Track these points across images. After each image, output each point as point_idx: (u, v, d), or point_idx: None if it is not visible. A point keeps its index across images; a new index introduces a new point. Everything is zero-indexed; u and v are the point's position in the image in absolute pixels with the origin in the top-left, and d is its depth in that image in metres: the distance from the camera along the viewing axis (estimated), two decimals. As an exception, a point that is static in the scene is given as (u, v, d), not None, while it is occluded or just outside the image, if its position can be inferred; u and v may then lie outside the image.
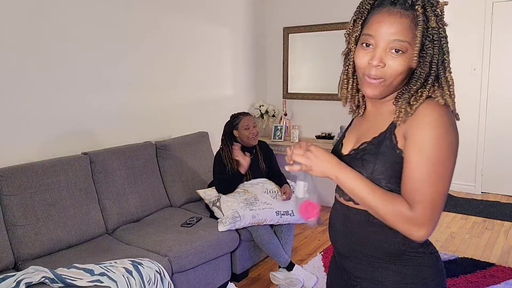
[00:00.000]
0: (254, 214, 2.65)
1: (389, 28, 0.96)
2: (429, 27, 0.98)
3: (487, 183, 4.77)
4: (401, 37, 0.96)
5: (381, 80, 0.99)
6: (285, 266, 2.69)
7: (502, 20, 4.46)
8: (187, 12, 3.60)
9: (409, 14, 0.96)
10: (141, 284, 2.01)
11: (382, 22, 0.97)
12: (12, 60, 2.43)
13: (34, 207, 2.29)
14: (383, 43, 0.97)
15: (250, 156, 2.92)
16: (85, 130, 2.87)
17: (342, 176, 1.02)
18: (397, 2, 0.97)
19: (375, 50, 0.98)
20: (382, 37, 0.97)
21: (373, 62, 0.98)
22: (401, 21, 0.96)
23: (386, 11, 0.98)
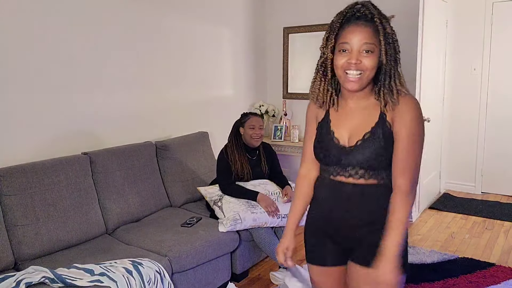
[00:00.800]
0: (255, 217, 2.65)
1: (359, 36, 1.28)
2: (386, 33, 1.29)
3: (487, 183, 4.77)
4: (369, 41, 1.28)
5: (360, 75, 1.29)
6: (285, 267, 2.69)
7: (502, 20, 4.46)
8: (187, 12, 3.60)
9: (370, 25, 1.28)
10: (141, 284, 2.01)
11: (353, 32, 1.28)
12: (12, 60, 2.43)
13: (34, 207, 2.29)
14: (356, 47, 1.29)
15: (253, 157, 2.97)
16: (85, 130, 2.87)
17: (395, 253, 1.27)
18: (360, 18, 1.29)
19: (351, 53, 1.29)
20: (355, 42, 1.28)
21: (352, 61, 1.28)
22: (366, 30, 1.28)
23: (354, 24, 1.29)
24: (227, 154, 2.91)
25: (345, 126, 1.39)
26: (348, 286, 1.49)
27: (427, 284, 2.71)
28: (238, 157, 2.90)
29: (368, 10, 1.29)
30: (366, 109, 1.37)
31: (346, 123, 1.39)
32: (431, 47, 4.08)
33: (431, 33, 4.04)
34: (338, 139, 1.39)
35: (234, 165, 2.89)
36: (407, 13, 3.72)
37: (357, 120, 1.37)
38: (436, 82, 4.39)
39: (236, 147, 2.93)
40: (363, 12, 1.29)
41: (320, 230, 1.51)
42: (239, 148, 2.93)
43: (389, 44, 1.30)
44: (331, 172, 1.42)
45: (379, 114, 1.34)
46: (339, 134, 1.39)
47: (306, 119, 1.58)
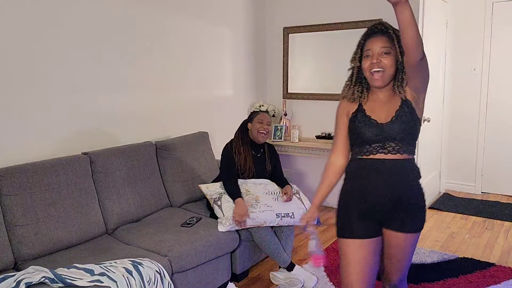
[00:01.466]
0: (253, 217, 2.65)
1: (378, 43, 1.67)
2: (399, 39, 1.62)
3: (487, 183, 4.77)
4: (385, 45, 1.67)
5: (382, 72, 1.66)
6: (285, 267, 2.69)
7: (502, 20, 4.46)
8: (187, 13, 3.60)
9: (385, 35, 1.68)
10: (141, 284, 2.01)
11: (373, 41, 1.69)
12: (12, 61, 2.43)
13: (34, 207, 2.29)
14: (376, 51, 1.67)
15: (257, 154, 3.01)
16: (85, 130, 2.87)
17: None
18: (377, 32, 1.69)
19: (373, 56, 1.68)
20: (375, 48, 1.67)
21: (373, 61, 1.67)
22: (383, 38, 1.68)
23: (373, 36, 1.70)
24: (232, 146, 2.94)
25: (378, 111, 1.72)
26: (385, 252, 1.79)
27: (427, 284, 2.71)
28: (242, 150, 2.93)
29: (383, 26, 1.69)
30: (392, 98, 1.72)
31: (378, 109, 1.72)
32: (431, 47, 4.08)
33: (431, 33, 4.04)
34: (375, 119, 1.70)
35: (238, 157, 2.91)
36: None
37: (386, 106, 1.71)
38: (436, 82, 4.39)
39: (242, 141, 2.96)
40: (380, 28, 1.69)
41: (353, 207, 1.74)
42: (245, 142, 2.96)
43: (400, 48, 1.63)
44: (370, 151, 1.70)
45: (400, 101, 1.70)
46: (377, 115, 1.71)
47: (336, 114, 1.86)
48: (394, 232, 1.73)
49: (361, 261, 1.71)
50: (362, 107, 1.75)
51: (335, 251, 3.24)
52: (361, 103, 1.76)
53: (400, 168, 1.68)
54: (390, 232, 1.74)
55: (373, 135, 1.69)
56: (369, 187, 1.70)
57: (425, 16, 3.81)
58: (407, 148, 1.69)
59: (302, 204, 2.87)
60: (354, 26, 4.01)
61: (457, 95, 4.75)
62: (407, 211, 1.70)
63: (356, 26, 3.99)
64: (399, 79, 1.68)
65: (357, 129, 1.73)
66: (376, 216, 1.72)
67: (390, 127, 1.67)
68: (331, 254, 3.19)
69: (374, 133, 1.69)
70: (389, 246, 1.77)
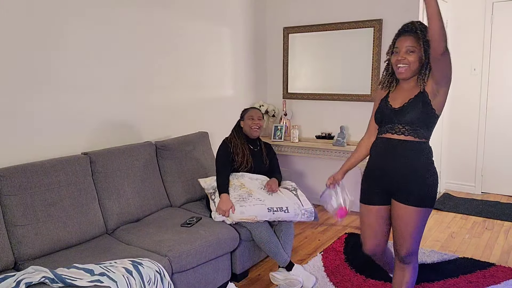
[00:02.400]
0: (242, 210, 2.67)
1: (405, 42, 1.95)
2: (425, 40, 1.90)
3: (487, 183, 4.77)
4: (410, 44, 1.93)
5: (407, 67, 1.94)
6: (284, 266, 2.69)
7: (502, 20, 4.46)
8: (187, 13, 3.60)
9: (412, 35, 1.94)
10: (141, 284, 2.01)
11: (401, 40, 1.96)
12: (12, 61, 2.43)
13: (34, 207, 2.29)
14: (402, 50, 1.95)
15: (254, 149, 3.06)
16: (85, 130, 2.87)
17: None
18: (407, 31, 1.95)
19: (399, 53, 1.96)
20: (402, 47, 1.95)
21: (399, 58, 1.95)
22: (410, 38, 1.94)
23: (402, 35, 1.97)
24: (229, 141, 2.98)
25: (397, 99, 2.03)
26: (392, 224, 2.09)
27: (427, 284, 2.71)
28: (239, 143, 2.98)
29: (413, 26, 1.94)
30: (413, 89, 1.99)
31: (398, 97, 2.03)
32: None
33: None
34: (391, 105, 2.03)
35: (235, 150, 2.94)
36: (407, 13, 3.72)
37: (404, 94, 2.01)
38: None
39: (238, 137, 3.01)
40: (410, 28, 1.95)
41: (370, 178, 2.12)
42: (241, 138, 3.02)
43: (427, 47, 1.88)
44: (383, 131, 2.04)
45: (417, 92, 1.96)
46: (394, 101, 2.03)
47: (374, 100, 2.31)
48: (398, 203, 2.01)
49: (370, 223, 2.14)
50: (388, 94, 2.09)
51: (335, 251, 3.24)
52: (389, 91, 2.09)
53: (405, 147, 1.96)
54: (395, 203, 2.03)
55: (384, 117, 2.03)
56: (379, 161, 2.05)
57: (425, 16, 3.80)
58: (414, 132, 1.95)
59: (298, 200, 2.87)
60: (354, 26, 4.01)
61: (457, 95, 4.75)
62: (410, 185, 1.96)
63: (356, 26, 3.99)
64: (422, 73, 1.94)
65: (377, 110, 2.09)
66: (384, 186, 2.04)
67: (399, 112, 1.97)
68: (330, 254, 3.19)
69: (387, 117, 2.02)
70: (394, 217, 2.05)
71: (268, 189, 2.85)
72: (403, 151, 1.96)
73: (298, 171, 4.56)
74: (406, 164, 1.96)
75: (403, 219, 2.00)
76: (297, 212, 2.79)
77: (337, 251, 3.25)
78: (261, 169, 3.04)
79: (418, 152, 1.96)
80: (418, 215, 1.98)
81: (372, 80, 3.95)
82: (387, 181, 2.02)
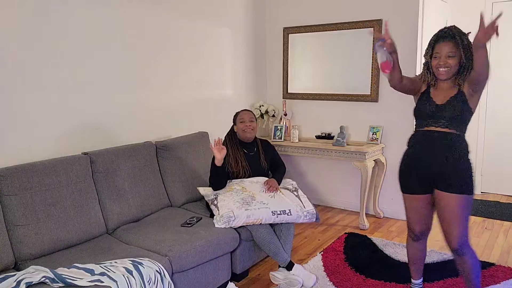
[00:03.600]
0: (248, 214, 2.66)
1: (445, 48, 2.13)
2: (464, 45, 2.12)
3: (487, 183, 4.77)
4: (451, 50, 2.12)
5: (447, 69, 2.13)
6: (284, 266, 2.70)
7: (502, 20, 4.45)
8: (187, 12, 3.60)
9: (452, 41, 2.13)
10: (141, 284, 2.01)
11: (441, 46, 2.15)
12: (12, 61, 2.43)
13: (34, 207, 2.29)
14: (443, 54, 2.13)
15: (250, 153, 3.01)
16: (86, 130, 2.87)
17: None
18: (446, 37, 2.14)
19: (440, 58, 2.15)
20: (442, 52, 2.14)
21: (440, 63, 2.14)
22: (450, 44, 2.13)
23: (442, 41, 2.15)
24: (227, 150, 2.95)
25: (439, 95, 2.21)
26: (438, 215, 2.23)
27: (427, 284, 2.71)
28: (232, 152, 2.96)
29: (451, 31, 2.12)
30: (452, 87, 2.19)
31: (439, 94, 2.21)
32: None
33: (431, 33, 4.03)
34: (434, 101, 2.20)
35: (228, 160, 2.93)
36: (407, 13, 3.72)
37: (444, 92, 2.20)
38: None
39: (230, 144, 3.00)
40: (448, 33, 2.12)
41: (412, 168, 2.27)
42: (233, 144, 3.01)
43: (467, 51, 2.10)
44: (425, 125, 2.21)
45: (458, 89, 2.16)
46: (436, 98, 2.21)
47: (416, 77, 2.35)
48: (442, 192, 2.18)
49: (418, 209, 2.32)
50: (429, 89, 2.26)
51: (335, 251, 3.25)
52: (429, 86, 2.26)
53: (447, 138, 2.15)
54: (439, 192, 2.20)
55: (428, 114, 2.19)
56: (421, 152, 2.21)
57: (425, 16, 3.81)
58: (454, 126, 2.14)
59: (299, 202, 2.87)
60: (354, 26, 4.01)
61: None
62: (452, 174, 2.13)
63: (356, 26, 3.99)
64: (461, 75, 2.14)
65: (420, 105, 2.24)
66: (427, 175, 2.21)
67: (442, 108, 2.16)
68: (330, 254, 3.19)
69: (430, 112, 2.18)
70: (440, 207, 2.21)
71: (267, 189, 2.85)
72: (446, 141, 2.14)
73: (298, 171, 4.56)
74: (448, 153, 2.13)
75: (448, 207, 2.15)
76: (299, 214, 2.79)
77: (337, 251, 3.25)
78: (260, 172, 3.03)
79: (459, 142, 2.14)
80: (461, 202, 2.13)
81: (372, 80, 3.96)
82: (429, 171, 2.19)
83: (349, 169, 4.22)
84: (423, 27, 3.78)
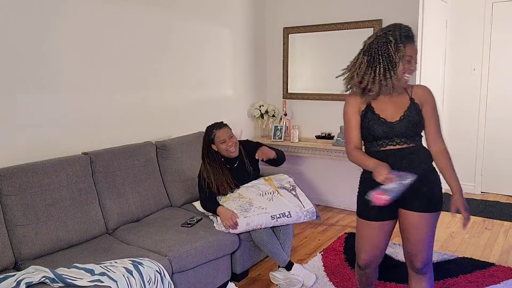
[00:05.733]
0: (248, 222, 2.63)
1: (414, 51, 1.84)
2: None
3: (487, 183, 4.77)
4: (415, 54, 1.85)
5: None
6: (284, 266, 2.69)
7: (502, 20, 4.46)
8: (187, 12, 3.60)
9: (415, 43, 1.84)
10: (141, 284, 2.01)
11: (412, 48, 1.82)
12: (12, 60, 2.43)
13: (34, 207, 2.29)
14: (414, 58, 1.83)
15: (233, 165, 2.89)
16: (85, 130, 2.87)
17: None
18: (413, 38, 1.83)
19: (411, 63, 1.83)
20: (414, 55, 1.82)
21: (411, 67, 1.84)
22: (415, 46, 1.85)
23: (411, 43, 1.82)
24: (203, 177, 2.82)
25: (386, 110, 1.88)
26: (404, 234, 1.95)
27: (426, 284, 2.72)
28: (217, 175, 2.80)
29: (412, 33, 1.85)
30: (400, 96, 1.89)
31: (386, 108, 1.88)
32: (431, 47, 4.08)
33: (431, 33, 4.04)
34: (384, 118, 1.86)
35: (215, 184, 2.78)
36: (407, 13, 3.72)
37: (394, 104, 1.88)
38: (436, 82, 4.40)
39: (212, 166, 2.82)
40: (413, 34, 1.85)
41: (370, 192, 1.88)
42: (216, 165, 2.83)
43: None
44: (380, 145, 1.88)
45: (409, 99, 1.88)
46: (386, 114, 1.87)
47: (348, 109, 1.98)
48: (411, 212, 1.89)
49: (371, 239, 1.97)
50: (369, 104, 1.90)
51: (335, 251, 3.25)
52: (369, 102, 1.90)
53: (410, 152, 1.86)
54: (406, 212, 1.91)
55: (382, 133, 1.86)
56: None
57: (425, 16, 3.81)
58: (412, 140, 1.88)
59: (298, 201, 2.85)
60: (354, 26, 4.01)
61: (456, 95, 4.75)
62: (423, 191, 1.87)
63: (356, 26, 3.99)
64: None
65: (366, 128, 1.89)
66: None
67: (397, 126, 1.85)
68: (330, 254, 3.19)
69: (384, 130, 1.86)
70: (407, 226, 1.93)
71: (259, 156, 2.77)
72: (410, 157, 1.85)
73: (298, 171, 4.56)
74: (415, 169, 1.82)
75: (418, 227, 1.89)
76: (299, 214, 2.76)
77: (337, 251, 3.25)
78: (247, 180, 2.92)
79: (425, 155, 1.90)
80: (434, 220, 1.92)
81: (372, 80, 3.95)
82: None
83: (349, 169, 4.22)
84: (423, 27, 3.78)
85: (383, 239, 1.98)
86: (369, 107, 1.89)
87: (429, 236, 1.92)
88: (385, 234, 1.97)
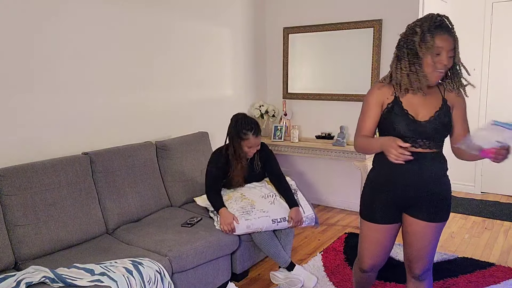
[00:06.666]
0: (248, 224, 2.62)
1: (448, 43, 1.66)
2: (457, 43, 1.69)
3: (487, 183, 4.77)
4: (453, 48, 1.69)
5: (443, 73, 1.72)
6: (285, 267, 2.69)
7: (502, 20, 4.47)
8: (187, 12, 3.60)
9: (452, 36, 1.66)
10: (141, 284, 2.01)
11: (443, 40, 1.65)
12: (12, 60, 2.43)
13: (34, 207, 2.29)
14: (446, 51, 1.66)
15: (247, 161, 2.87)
16: (85, 130, 2.87)
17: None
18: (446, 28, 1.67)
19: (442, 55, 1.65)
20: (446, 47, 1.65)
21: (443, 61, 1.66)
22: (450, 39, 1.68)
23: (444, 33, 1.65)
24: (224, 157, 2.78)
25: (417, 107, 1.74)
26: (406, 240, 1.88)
27: (426, 284, 2.72)
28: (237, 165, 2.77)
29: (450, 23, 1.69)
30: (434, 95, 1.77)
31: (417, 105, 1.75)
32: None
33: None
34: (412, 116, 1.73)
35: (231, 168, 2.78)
36: (407, 13, 3.72)
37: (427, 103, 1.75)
38: (436, 82, 4.39)
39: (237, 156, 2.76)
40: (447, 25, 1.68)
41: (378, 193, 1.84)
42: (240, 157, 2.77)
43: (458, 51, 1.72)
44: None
45: (442, 100, 1.77)
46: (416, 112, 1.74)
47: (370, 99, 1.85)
48: (417, 220, 1.81)
49: (377, 242, 1.89)
50: (398, 99, 1.77)
51: (335, 251, 3.25)
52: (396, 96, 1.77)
53: (428, 160, 1.75)
54: (412, 219, 1.83)
55: (408, 131, 1.72)
56: (396, 175, 1.77)
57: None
58: (436, 144, 1.76)
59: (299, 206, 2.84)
60: (354, 26, 4.01)
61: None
62: (432, 201, 1.78)
63: (356, 26, 3.99)
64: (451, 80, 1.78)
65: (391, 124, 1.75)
66: (399, 202, 1.81)
67: (424, 126, 1.72)
68: (330, 254, 3.19)
69: (409, 129, 1.72)
70: (410, 233, 1.85)
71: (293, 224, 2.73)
72: (427, 164, 1.75)
73: (298, 171, 4.56)
74: (429, 178, 1.76)
75: (423, 237, 1.82)
76: None
77: (337, 251, 3.25)
78: (253, 178, 2.91)
79: (442, 163, 1.80)
80: (440, 229, 1.84)
81: (372, 80, 3.95)
82: (403, 196, 1.80)
83: (349, 169, 4.22)
84: (423, 27, 3.77)
85: (388, 242, 1.91)
86: (396, 100, 1.75)
87: (432, 245, 1.84)
88: (391, 237, 1.90)
